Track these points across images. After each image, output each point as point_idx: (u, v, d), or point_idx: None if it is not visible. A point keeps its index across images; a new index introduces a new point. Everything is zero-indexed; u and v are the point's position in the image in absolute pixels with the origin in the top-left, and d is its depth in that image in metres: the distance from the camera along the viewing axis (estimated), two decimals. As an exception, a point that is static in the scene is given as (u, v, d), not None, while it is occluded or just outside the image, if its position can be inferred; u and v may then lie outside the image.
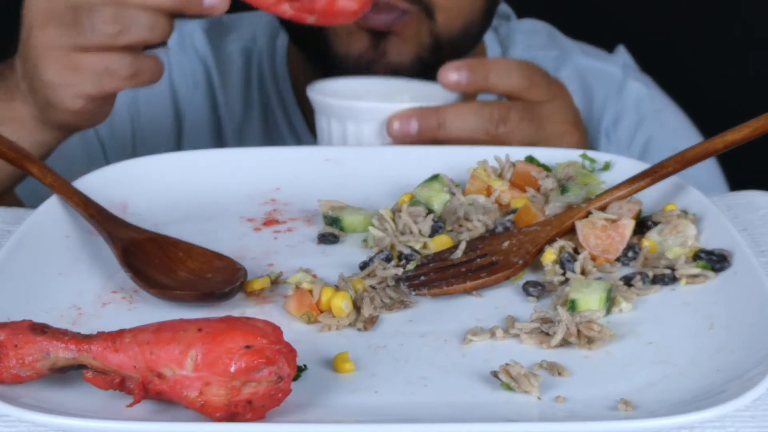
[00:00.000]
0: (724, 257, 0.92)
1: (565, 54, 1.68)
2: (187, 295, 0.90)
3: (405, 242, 0.98)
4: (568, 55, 1.68)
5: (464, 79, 1.18)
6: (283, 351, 0.74)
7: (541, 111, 1.20)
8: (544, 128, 1.20)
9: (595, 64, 1.68)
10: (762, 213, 1.06)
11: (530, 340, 0.85)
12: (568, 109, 1.24)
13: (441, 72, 1.19)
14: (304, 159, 1.12)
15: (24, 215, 1.05)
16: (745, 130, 1.00)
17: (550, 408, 0.77)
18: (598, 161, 1.08)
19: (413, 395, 0.79)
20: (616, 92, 1.66)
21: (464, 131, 1.17)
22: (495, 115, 1.17)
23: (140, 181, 1.08)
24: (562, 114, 1.22)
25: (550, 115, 1.21)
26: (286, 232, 1.03)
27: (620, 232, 0.95)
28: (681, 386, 0.78)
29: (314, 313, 0.88)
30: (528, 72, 1.20)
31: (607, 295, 0.88)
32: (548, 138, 1.20)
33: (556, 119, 1.21)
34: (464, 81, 1.18)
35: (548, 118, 1.21)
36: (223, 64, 1.63)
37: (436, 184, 1.05)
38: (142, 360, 0.74)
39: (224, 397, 0.73)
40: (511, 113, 1.18)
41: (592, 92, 1.66)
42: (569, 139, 1.22)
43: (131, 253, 0.95)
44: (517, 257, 0.94)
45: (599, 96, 1.66)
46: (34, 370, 0.76)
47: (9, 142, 1.05)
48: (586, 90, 1.66)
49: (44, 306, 0.88)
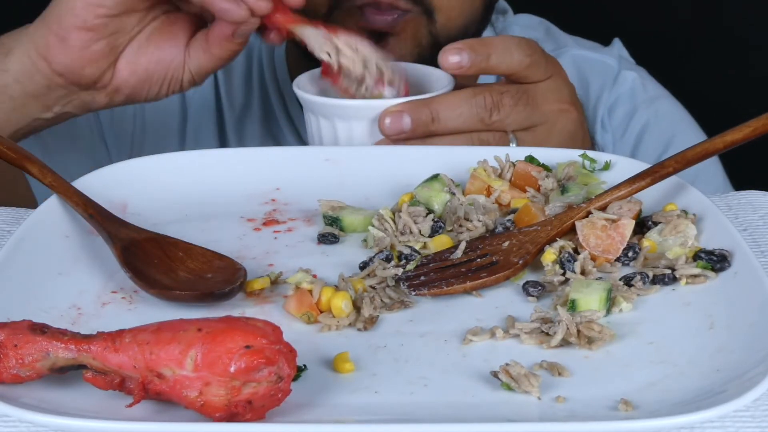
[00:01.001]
0: (725, 257, 0.92)
1: (561, 46, 1.68)
2: (187, 295, 0.90)
3: (405, 242, 0.98)
4: (564, 47, 1.68)
5: (466, 60, 1.14)
6: (283, 351, 0.74)
7: (536, 92, 1.18)
8: (540, 109, 1.18)
9: (591, 55, 1.69)
10: (762, 213, 1.06)
11: (530, 340, 0.85)
12: (564, 87, 1.21)
13: (441, 54, 1.15)
14: (304, 159, 1.12)
15: (24, 215, 1.05)
16: (745, 130, 1.00)
17: (550, 408, 0.77)
18: (598, 161, 1.08)
19: (413, 395, 0.79)
20: (612, 82, 1.67)
21: (458, 122, 1.15)
22: (488, 102, 1.15)
23: (140, 181, 1.08)
24: (557, 93, 1.20)
25: (545, 95, 1.18)
26: (286, 232, 1.03)
27: (620, 232, 0.95)
28: (681, 386, 0.78)
29: (314, 313, 0.88)
30: (528, 49, 1.17)
31: (607, 295, 0.88)
32: (546, 119, 1.18)
33: (552, 98, 1.19)
34: (466, 63, 1.14)
35: (544, 98, 1.18)
36: None
37: (436, 184, 1.05)
38: (142, 360, 0.74)
39: (224, 397, 0.73)
40: (504, 98, 1.16)
41: (587, 82, 1.66)
42: (567, 117, 1.20)
43: (131, 253, 0.95)
44: (517, 257, 0.94)
45: (595, 86, 1.67)
46: (34, 370, 0.76)
47: (9, 142, 1.05)
48: (582, 80, 1.66)
49: (44, 306, 0.88)
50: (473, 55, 1.14)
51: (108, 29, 1.19)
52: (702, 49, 2.33)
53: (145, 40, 1.23)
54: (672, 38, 2.31)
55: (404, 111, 1.14)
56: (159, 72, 1.24)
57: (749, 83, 2.26)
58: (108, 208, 1.01)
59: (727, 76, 2.29)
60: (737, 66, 2.32)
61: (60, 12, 1.19)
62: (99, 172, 1.08)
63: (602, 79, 1.67)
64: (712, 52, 2.32)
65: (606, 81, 1.67)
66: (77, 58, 1.20)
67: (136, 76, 1.23)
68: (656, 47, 2.12)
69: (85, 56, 1.20)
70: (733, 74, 2.29)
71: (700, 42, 2.33)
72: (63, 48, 1.19)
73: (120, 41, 1.21)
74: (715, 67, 2.31)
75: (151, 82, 1.24)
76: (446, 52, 1.15)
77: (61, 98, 1.24)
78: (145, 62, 1.23)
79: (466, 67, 1.15)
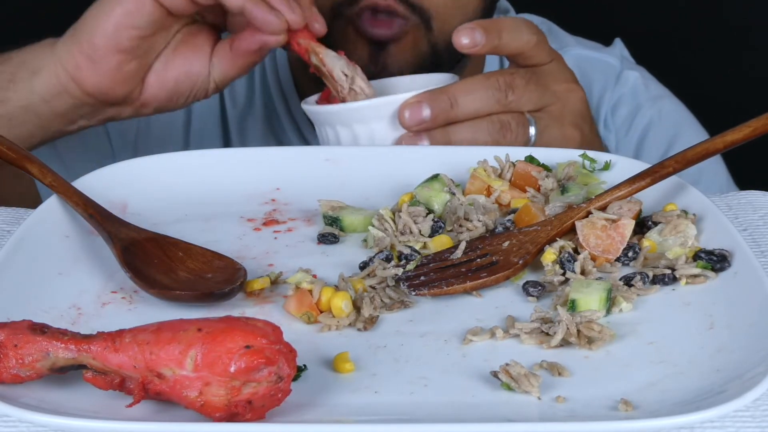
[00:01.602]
0: (725, 257, 0.92)
1: (563, 46, 1.69)
2: (187, 295, 0.90)
3: (405, 242, 0.98)
4: (566, 47, 1.69)
5: (479, 39, 1.15)
6: (283, 351, 0.74)
7: (542, 73, 1.20)
8: (550, 88, 1.19)
9: (593, 55, 1.70)
10: (762, 213, 1.06)
11: (530, 340, 0.85)
12: (566, 68, 1.24)
13: (455, 35, 1.15)
14: (304, 159, 1.12)
15: (24, 215, 1.05)
16: (745, 130, 1.00)
17: (550, 408, 0.77)
18: (598, 161, 1.08)
19: (413, 395, 0.79)
20: (614, 81, 1.67)
21: (476, 105, 1.16)
22: (501, 82, 1.16)
23: (140, 181, 1.08)
24: (562, 73, 1.22)
25: (552, 75, 1.20)
26: (286, 232, 1.03)
27: (620, 232, 0.95)
28: (681, 386, 0.78)
29: (314, 313, 0.88)
30: (534, 29, 1.19)
31: (607, 295, 0.88)
32: (557, 98, 1.20)
33: (559, 78, 1.21)
34: (480, 41, 1.15)
35: (552, 78, 1.20)
36: None
37: (436, 184, 1.05)
38: (142, 360, 0.74)
39: (224, 397, 0.73)
40: (516, 79, 1.17)
41: (590, 82, 1.67)
42: (576, 96, 1.22)
43: (131, 253, 0.95)
44: (517, 257, 0.94)
45: (597, 85, 1.67)
46: (34, 370, 0.76)
47: (9, 142, 1.05)
48: (585, 79, 1.66)
49: (44, 306, 0.88)
50: (486, 34, 1.15)
51: (141, 50, 1.20)
52: (702, 49, 2.33)
53: (172, 54, 1.24)
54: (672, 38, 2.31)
55: (423, 101, 1.15)
56: (186, 84, 1.25)
57: (749, 83, 2.26)
58: (108, 208, 1.01)
59: (727, 76, 2.29)
60: (737, 66, 2.32)
61: (92, 33, 1.19)
62: (99, 172, 1.08)
63: (604, 78, 1.68)
64: (713, 52, 2.32)
65: (608, 80, 1.68)
66: (109, 80, 1.21)
67: (165, 90, 1.24)
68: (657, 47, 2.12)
69: (117, 77, 1.21)
70: (733, 74, 2.29)
71: (700, 42, 2.33)
72: (94, 69, 1.20)
73: (149, 59, 1.23)
74: (715, 67, 2.31)
75: (179, 94, 1.25)
76: (459, 32, 1.15)
77: (87, 114, 1.25)
78: (173, 76, 1.24)
79: (480, 45, 1.16)
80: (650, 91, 1.68)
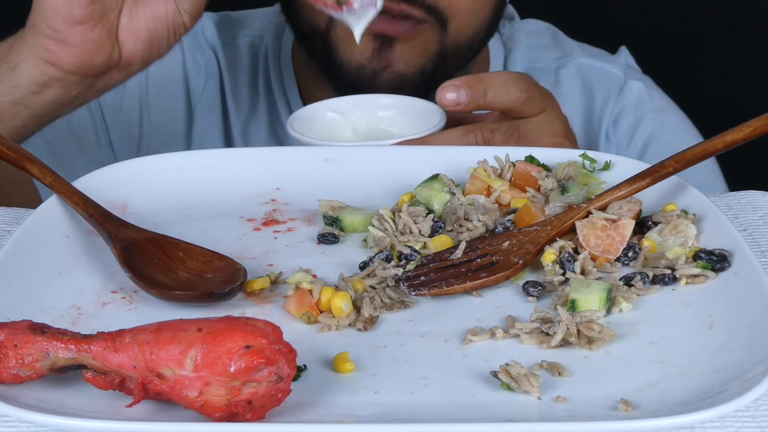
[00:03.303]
0: (725, 257, 0.92)
1: (567, 54, 1.68)
2: (187, 295, 0.90)
3: (405, 242, 0.98)
4: (570, 55, 1.68)
5: (463, 97, 1.16)
6: (283, 351, 0.74)
7: (529, 127, 1.19)
8: (534, 143, 1.19)
9: (597, 64, 1.69)
10: (762, 213, 1.06)
11: (530, 340, 0.85)
12: (557, 120, 1.23)
13: (439, 92, 1.17)
14: (304, 159, 1.12)
15: (24, 215, 1.05)
16: (745, 130, 1.00)
17: (550, 408, 0.77)
18: (598, 161, 1.08)
19: (413, 395, 0.79)
20: (617, 92, 1.66)
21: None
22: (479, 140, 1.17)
23: (140, 181, 1.08)
24: (551, 126, 1.21)
25: (540, 129, 1.20)
26: (286, 232, 1.03)
27: (620, 232, 0.95)
28: (681, 386, 0.78)
29: (314, 313, 0.88)
30: (525, 84, 1.19)
31: (607, 295, 0.88)
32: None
33: (546, 132, 1.21)
34: (463, 100, 1.16)
35: (538, 133, 1.20)
36: (233, 57, 1.65)
37: (436, 184, 1.05)
38: (142, 360, 0.74)
39: (224, 397, 0.73)
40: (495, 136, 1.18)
41: (593, 92, 1.66)
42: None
43: (131, 253, 0.95)
44: (517, 257, 0.94)
45: (600, 96, 1.66)
46: (34, 370, 0.76)
47: (9, 142, 1.05)
48: (587, 89, 1.66)
49: (44, 306, 0.88)
50: (470, 92, 1.16)
51: (97, 13, 1.19)
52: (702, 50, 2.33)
53: (132, 5, 1.22)
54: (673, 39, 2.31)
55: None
56: (160, 28, 1.23)
57: (749, 83, 2.26)
58: (108, 208, 1.01)
59: (727, 76, 2.29)
60: (737, 66, 2.32)
61: (45, 16, 1.18)
62: (99, 172, 1.08)
63: (607, 89, 1.66)
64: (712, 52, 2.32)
65: (611, 91, 1.66)
66: (83, 53, 1.20)
67: (141, 41, 1.23)
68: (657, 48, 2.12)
69: (89, 48, 1.20)
70: (733, 74, 2.29)
71: (700, 42, 2.33)
72: (65, 49, 1.19)
73: (112, 18, 1.21)
74: (715, 67, 2.31)
75: (157, 41, 1.24)
76: (443, 89, 1.16)
77: (80, 94, 1.24)
78: (143, 25, 1.23)
79: (463, 104, 1.16)
80: (654, 103, 1.67)
